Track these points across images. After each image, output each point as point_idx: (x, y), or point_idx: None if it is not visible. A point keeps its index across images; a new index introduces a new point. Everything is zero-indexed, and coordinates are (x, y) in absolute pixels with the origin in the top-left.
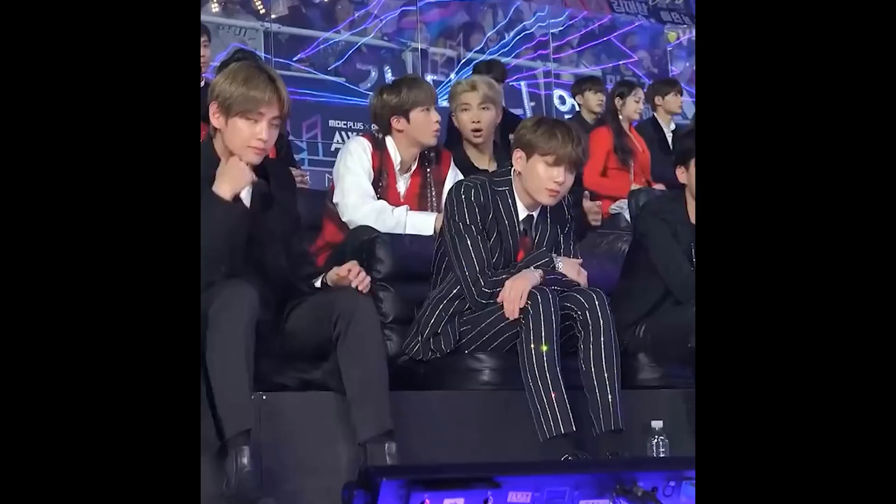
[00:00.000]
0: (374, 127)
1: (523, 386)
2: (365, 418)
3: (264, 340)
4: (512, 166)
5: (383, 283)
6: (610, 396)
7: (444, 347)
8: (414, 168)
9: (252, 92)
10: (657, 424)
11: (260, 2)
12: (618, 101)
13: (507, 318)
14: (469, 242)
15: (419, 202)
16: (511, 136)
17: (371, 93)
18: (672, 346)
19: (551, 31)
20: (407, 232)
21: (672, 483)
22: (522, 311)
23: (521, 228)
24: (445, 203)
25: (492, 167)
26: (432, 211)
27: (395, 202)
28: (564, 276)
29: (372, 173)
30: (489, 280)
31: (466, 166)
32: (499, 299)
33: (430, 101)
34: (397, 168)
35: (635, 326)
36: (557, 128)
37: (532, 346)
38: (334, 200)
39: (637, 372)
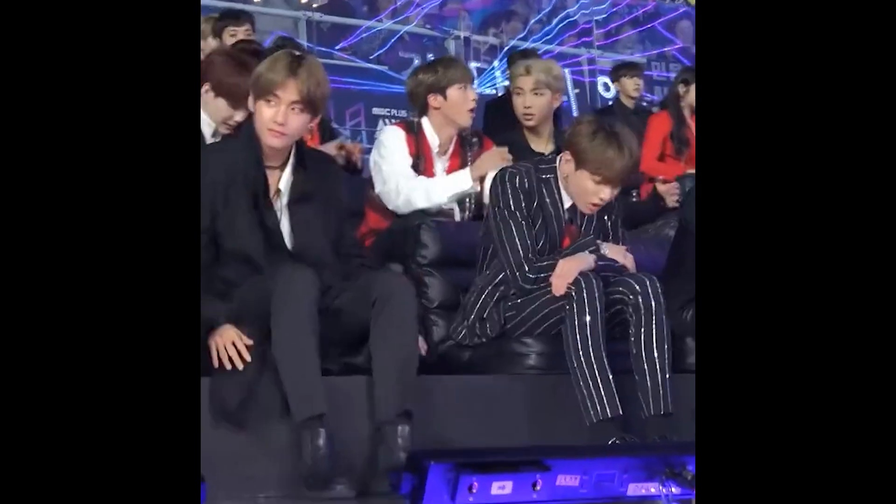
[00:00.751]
0: (408, 114)
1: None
2: (381, 399)
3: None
4: (559, 155)
5: (429, 269)
6: (660, 379)
7: (490, 332)
8: (451, 150)
9: (270, 75)
10: None
11: None
12: (681, 88)
13: (553, 301)
14: (514, 228)
15: None
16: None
17: None
18: None
19: (595, 18)
20: (449, 195)
21: None
22: (567, 295)
23: (567, 216)
24: (490, 188)
25: (548, 149)
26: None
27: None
28: (615, 261)
29: (409, 158)
30: (534, 266)
31: (523, 147)
32: (553, 277)
33: (466, 78)
34: (435, 150)
35: (683, 311)
36: (612, 142)
37: (577, 329)
38: (376, 191)
39: (685, 356)
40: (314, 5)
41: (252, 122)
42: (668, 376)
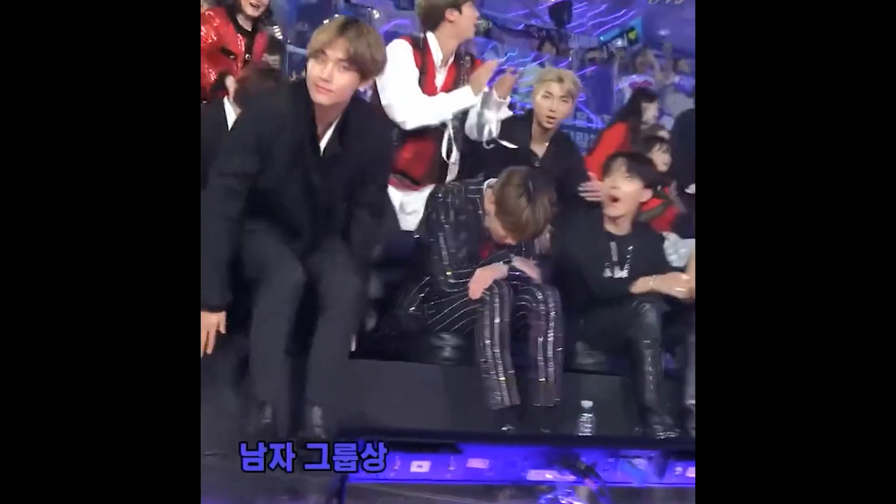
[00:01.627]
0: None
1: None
2: (312, 383)
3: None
4: (485, 177)
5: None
6: (553, 376)
7: (414, 326)
8: (450, 62)
9: (321, 35)
10: (587, 404)
11: None
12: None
13: (470, 303)
14: (442, 238)
15: None
16: None
17: None
18: (607, 338)
19: None
20: (454, 110)
21: (610, 460)
22: (481, 299)
23: (488, 234)
24: (427, 202)
25: (542, 150)
26: None
27: (433, 94)
28: (524, 272)
29: (416, 72)
30: (456, 272)
31: (525, 145)
32: (471, 282)
33: None
34: (438, 63)
35: (577, 319)
36: (531, 207)
37: (487, 329)
38: (383, 103)
39: (575, 357)
40: None
41: (304, 81)
42: (559, 374)
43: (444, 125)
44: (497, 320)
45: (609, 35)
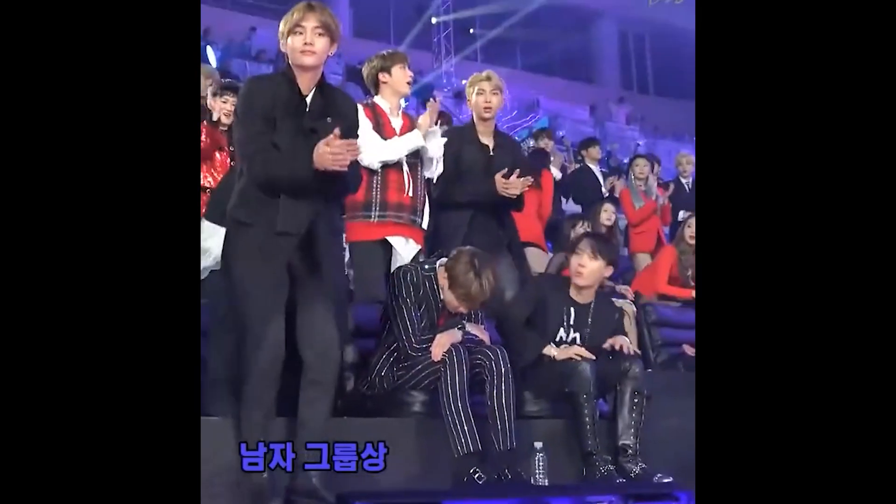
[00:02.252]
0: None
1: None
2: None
3: None
4: (438, 258)
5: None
6: (507, 423)
7: (386, 386)
8: (401, 112)
9: (292, 15)
10: (538, 445)
11: None
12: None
13: (432, 364)
14: (405, 311)
15: None
16: None
17: None
18: (549, 389)
19: None
20: (406, 150)
21: None
22: (442, 360)
23: (442, 304)
24: (391, 279)
25: (492, 143)
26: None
27: (392, 135)
28: (476, 336)
29: (369, 122)
30: (419, 339)
31: (473, 139)
32: (432, 346)
33: (404, 61)
34: (388, 111)
35: (525, 372)
36: (478, 282)
37: (448, 386)
38: None
39: (524, 405)
40: None
41: (287, 63)
42: (513, 421)
43: (399, 164)
44: (457, 377)
45: (521, 134)
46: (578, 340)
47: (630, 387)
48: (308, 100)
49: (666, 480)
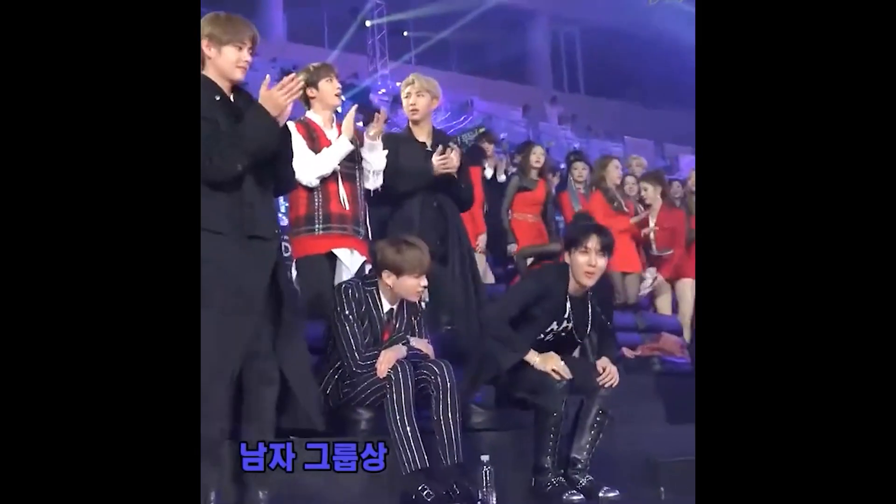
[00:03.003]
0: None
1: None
2: None
3: None
4: (379, 277)
5: None
6: (454, 437)
7: (331, 404)
8: (334, 124)
9: (233, 29)
10: (485, 458)
11: None
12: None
13: (378, 381)
14: (348, 328)
15: None
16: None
17: None
18: (513, 392)
19: None
20: (337, 159)
21: None
22: (387, 377)
23: (386, 318)
24: (334, 297)
25: (429, 141)
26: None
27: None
28: (420, 350)
29: (302, 139)
30: (363, 355)
31: (410, 138)
32: (377, 363)
33: (330, 73)
34: (321, 124)
35: (472, 386)
36: (413, 248)
37: (395, 402)
38: None
39: (469, 418)
40: None
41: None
42: (459, 435)
43: (335, 175)
44: (403, 393)
45: (462, 132)
46: (571, 328)
47: (597, 404)
48: (231, 98)
49: (612, 494)
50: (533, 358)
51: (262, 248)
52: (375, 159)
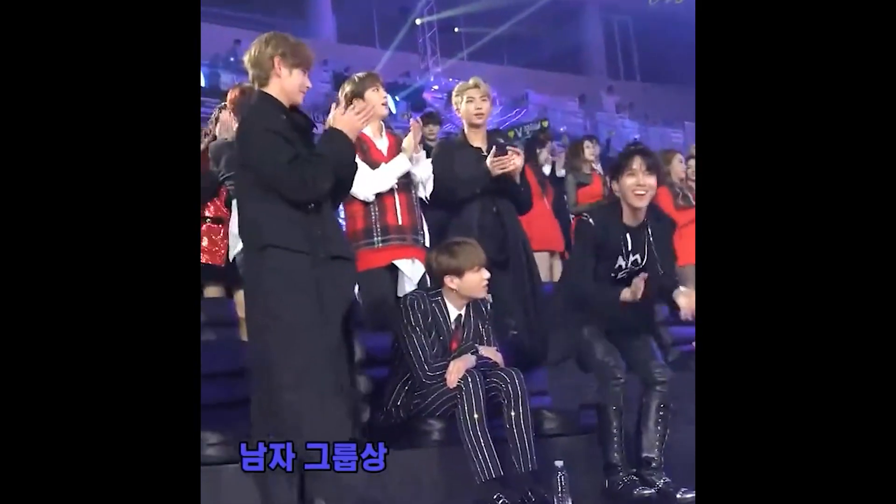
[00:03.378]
0: None
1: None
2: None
3: None
4: (442, 285)
5: (361, 370)
6: (527, 444)
7: (402, 415)
8: (385, 133)
9: (298, 53)
10: (559, 463)
11: None
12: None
13: (448, 391)
14: (416, 339)
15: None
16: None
17: None
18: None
19: None
20: (396, 176)
21: None
22: (457, 387)
23: (454, 326)
24: (400, 309)
25: (484, 146)
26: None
27: (380, 158)
28: (489, 359)
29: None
30: (432, 366)
31: (465, 143)
32: (447, 374)
33: (376, 82)
34: (371, 135)
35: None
36: (466, 246)
37: (466, 413)
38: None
39: (542, 424)
40: None
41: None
42: (532, 442)
43: (392, 191)
44: (474, 404)
45: (522, 124)
46: (640, 261)
47: (656, 399)
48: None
49: (689, 496)
50: (625, 296)
51: (343, 267)
52: (420, 170)
